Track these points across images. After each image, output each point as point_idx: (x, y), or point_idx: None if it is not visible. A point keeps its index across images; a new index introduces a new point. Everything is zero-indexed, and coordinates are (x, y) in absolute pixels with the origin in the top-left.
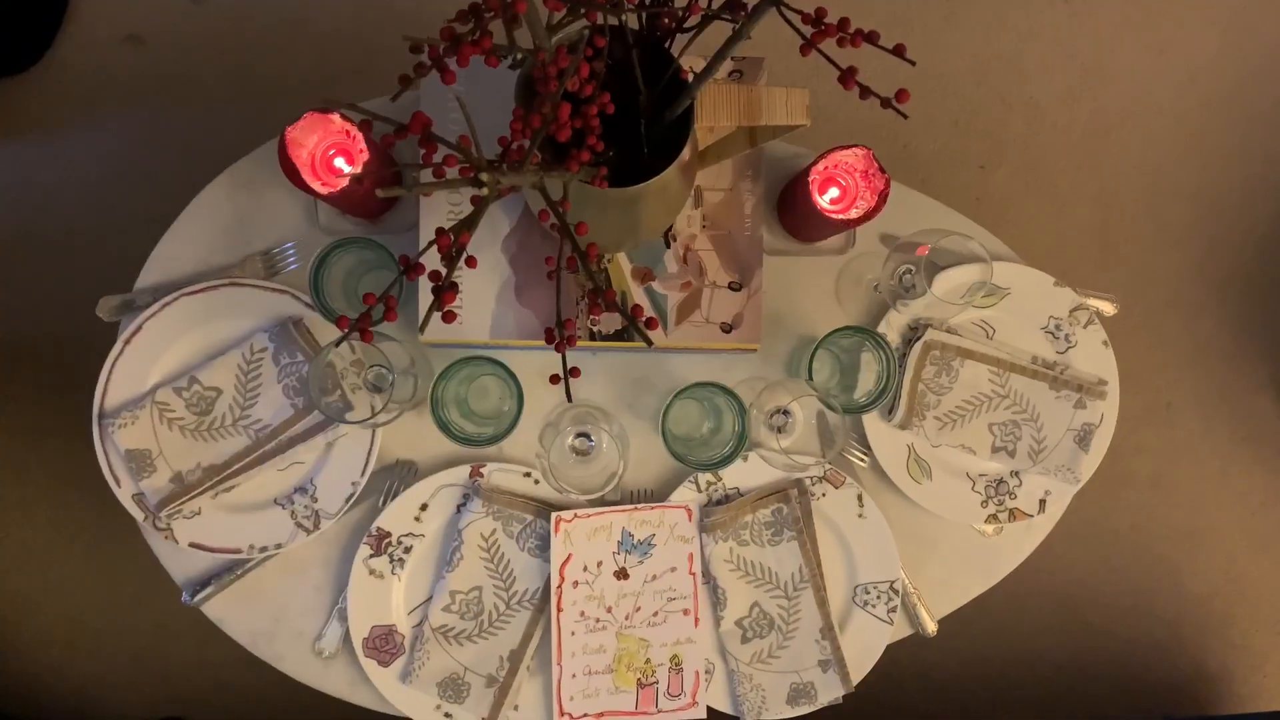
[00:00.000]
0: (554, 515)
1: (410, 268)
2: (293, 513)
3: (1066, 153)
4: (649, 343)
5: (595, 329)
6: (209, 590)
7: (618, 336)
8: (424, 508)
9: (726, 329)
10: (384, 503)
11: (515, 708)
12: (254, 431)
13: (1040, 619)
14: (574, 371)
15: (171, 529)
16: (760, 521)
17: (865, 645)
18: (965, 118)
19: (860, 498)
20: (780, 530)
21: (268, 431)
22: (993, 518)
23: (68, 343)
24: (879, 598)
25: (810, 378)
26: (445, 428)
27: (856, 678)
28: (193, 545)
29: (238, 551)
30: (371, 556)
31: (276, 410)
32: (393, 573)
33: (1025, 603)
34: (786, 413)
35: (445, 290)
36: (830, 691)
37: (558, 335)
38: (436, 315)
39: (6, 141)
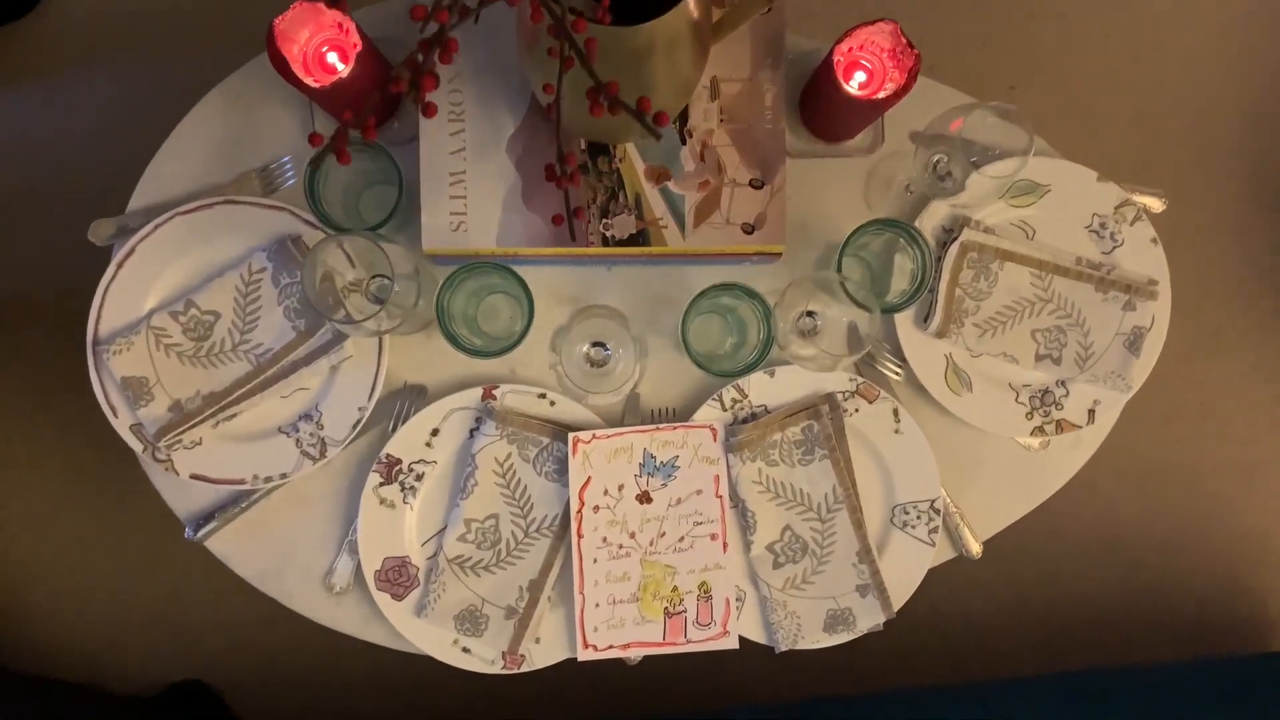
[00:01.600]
0: (571, 436)
1: (394, 80)
2: (298, 441)
3: (1101, 71)
4: (657, 137)
5: (609, 234)
6: (213, 525)
7: (632, 241)
8: (435, 433)
9: (749, 230)
10: (393, 428)
11: (537, 640)
12: (255, 356)
13: (1087, 560)
14: (577, 212)
15: (172, 460)
16: (790, 440)
17: (906, 569)
18: (995, 35)
19: (896, 412)
20: (811, 449)
21: (269, 356)
22: (1038, 430)
23: (71, 295)
24: (919, 518)
25: (844, 287)
26: (453, 339)
27: (898, 603)
28: (194, 477)
29: (241, 482)
30: (382, 485)
31: (278, 333)
32: (404, 502)
33: (1071, 544)
34: (813, 314)
35: (423, 75)
36: (870, 618)
37: (559, 170)
38: (433, 228)
39: (3, 92)
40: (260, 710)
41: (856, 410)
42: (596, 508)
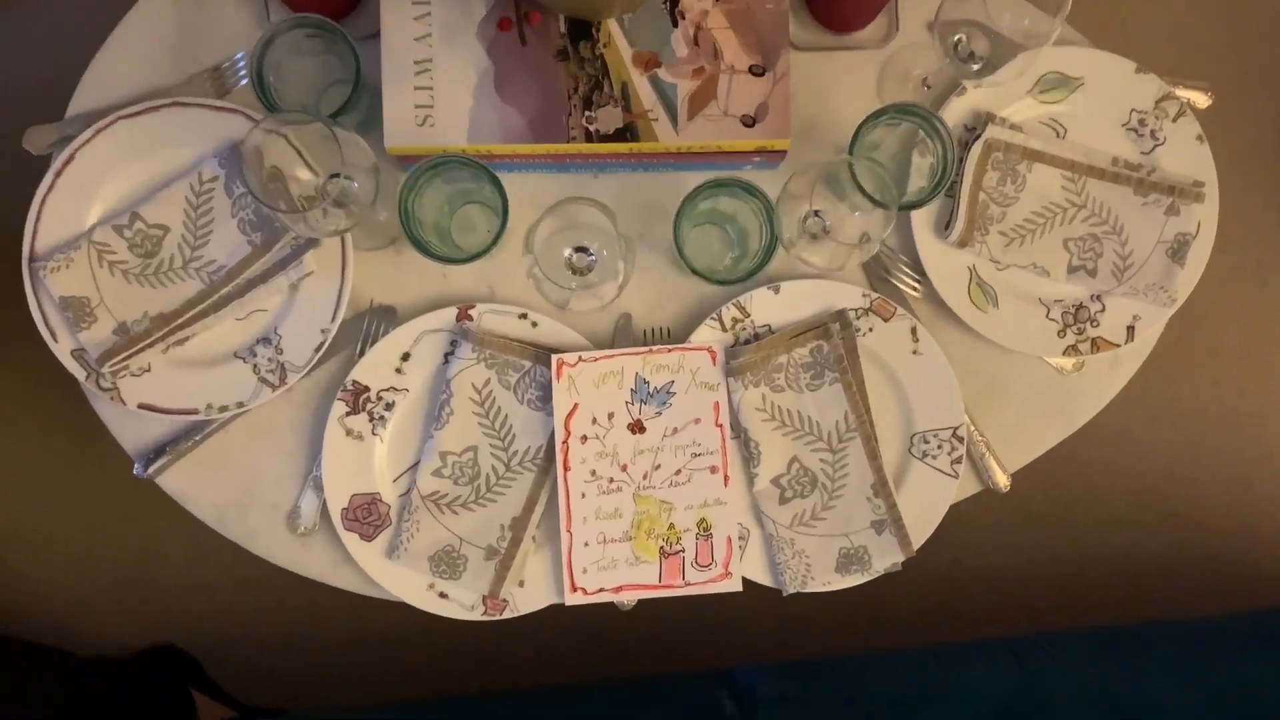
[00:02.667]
0: (555, 358)
1: None
2: (255, 366)
3: None
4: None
5: (592, 128)
6: (164, 460)
7: (619, 137)
8: (406, 357)
9: (749, 123)
10: (360, 353)
11: (520, 584)
12: (207, 274)
13: (1121, 511)
14: (529, 17)
15: (118, 388)
16: (796, 363)
17: (926, 503)
18: None
19: (914, 331)
20: (820, 372)
21: (223, 273)
22: (1072, 349)
23: (5, 209)
24: (940, 448)
25: (853, 175)
26: (420, 245)
27: (918, 540)
28: (142, 406)
29: (194, 412)
30: (348, 414)
31: (232, 249)
32: (373, 433)
33: (1102, 494)
34: (819, 214)
35: None
36: (887, 557)
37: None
38: (396, 124)
39: None
40: (240, 676)
41: (870, 329)
42: (584, 438)
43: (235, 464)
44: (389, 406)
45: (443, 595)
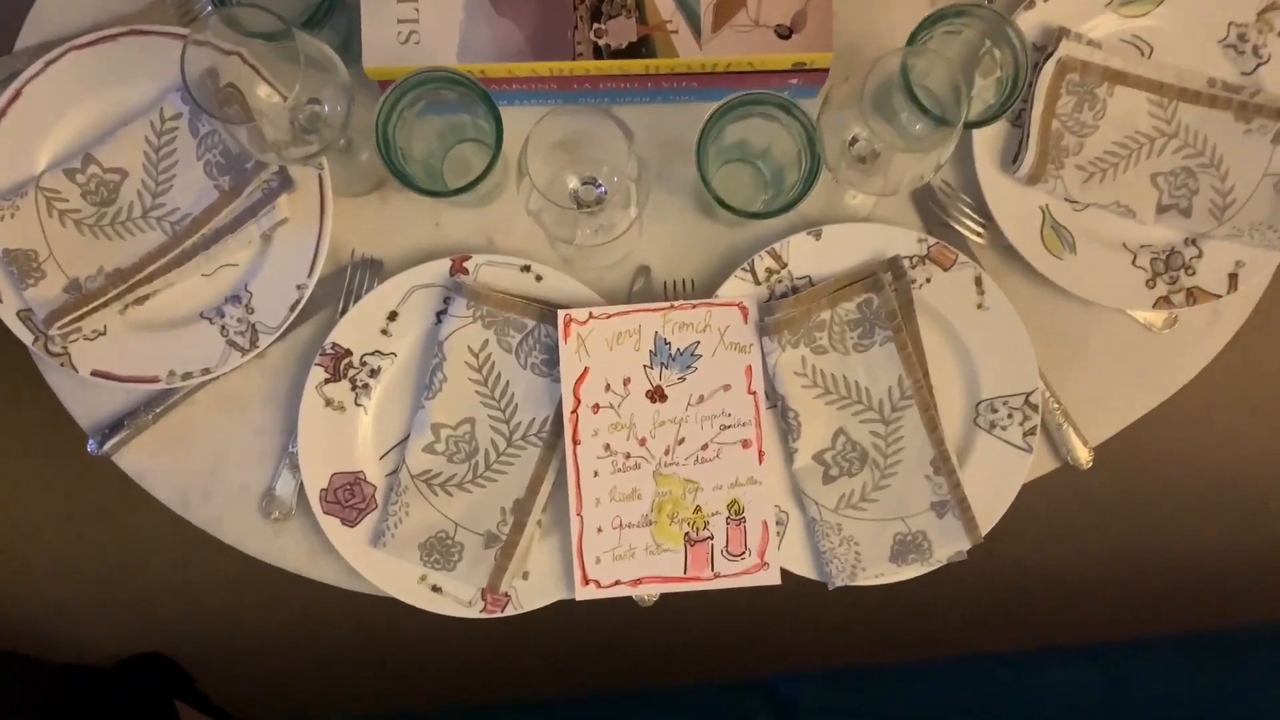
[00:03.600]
0: (562, 314)
1: None
2: (223, 328)
3: None
4: None
5: (602, 42)
6: (122, 435)
7: (632, 53)
8: (393, 316)
9: (784, 34)
10: (342, 312)
11: (525, 575)
12: (170, 224)
13: (1205, 507)
14: None
15: (69, 353)
16: (842, 319)
17: (995, 481)
18: None
19: (979, 281)
20: (870, 330)
21: (188, 223)
22: (1163, 302)
23: None
24: (1010, 417)
25: (906, 83)
26: (402, 174)
27: (986, 524)
28: (96, 374)
29: (155, 380)
30: (327, 382)
31: (197, 195)
32: (356, 404)
33: (1186, 485)
34: (868, 135)
35: None
36: (950, 543)
37: None
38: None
39: None
40: (231, 686)
41: (928, 280)
42: (596, 407)
43: (201, 440)
44: (374, 373)
45: (435, 589)
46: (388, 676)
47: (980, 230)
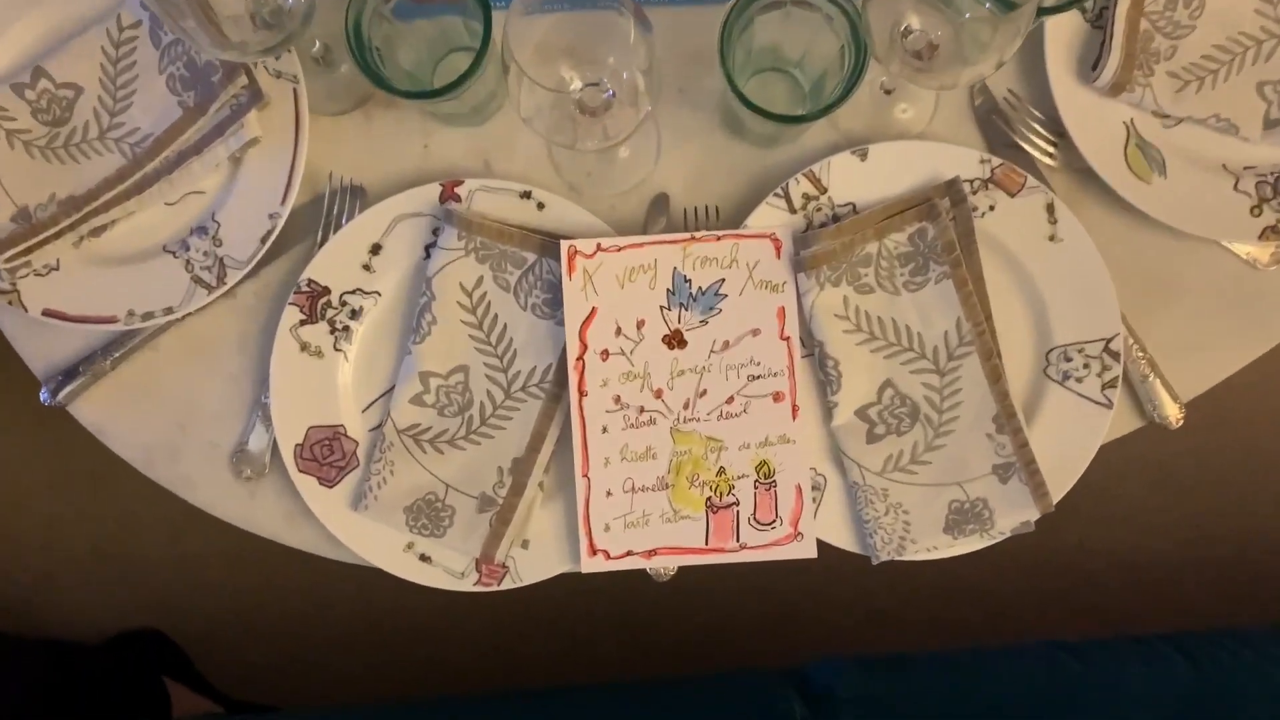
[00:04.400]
0: (565, 245)
1: None
2: (188, 263)
3: None
4: None
5: None
6: (78, 382)
7: None
8: (376, 250)
9: None
10: (320, 244)
11: (524, 544)
12: (129, 146)
13: None
14: None
15: (18, 290)
16: (891, 253)
17: (1068, 441)
18: None
19: (1051, 209)
20: (923, 265)
21: (149, 144)
22: (1270, 232)
23: None
24: (1087, 367)
25: None
26: (376, 76)
27: (1058, 491)
28: (48, 313)
29: (112, 320)
30: (303, 323)
31: (160, 113)
32: (336, 349)
33: (1272, 463)
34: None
35: None
36: (1014, 512)
37: None
38: None
39: None
40: (228, 665)
41: (991, 207)
42: (605, 353)
43: (166, 390)
44: (355, 314)
45: (424, 558)
46: (395, 659)
47: (1053, 150)
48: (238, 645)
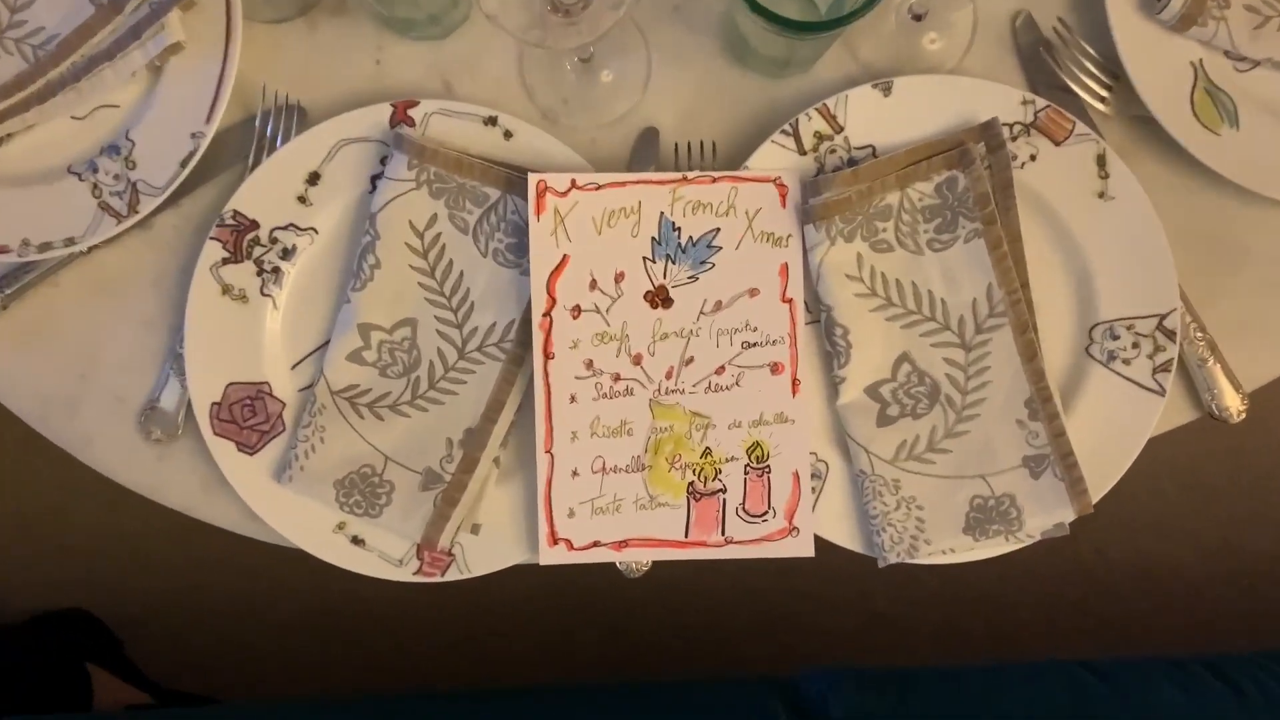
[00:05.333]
0: (534, 179)
1: None
2: (96, 187)
3: None
4: None
5: None
6: None
7: None
8: (314, 179)
9: None
10: (251, 168)
11: (475, 530)
12: (32, 48)
13: None
14: None
15: None
16: (914, 206)
17: (1112, 431)
18: None
19: (1103, 161)
20: (952, 221)
21: (54, 47)
22: None
23: None
24: (1137, 346)
25: None
26: None
27: (1098, 489)
28: None
29: (4, 250)
30: (227, 262)
31: (68, 10)
32: (264, 293)
33: None
34: None
35: None
36: (1046, 512)
37: None
38: None
39: None
40: (164, 652)
41: (1033, 157)
42: (577, 310)
43: (66, 334)
44: (287, 254)
45: (357, 541)
46: (352, 651)
47: (1107, 93)
48: (177, 631)
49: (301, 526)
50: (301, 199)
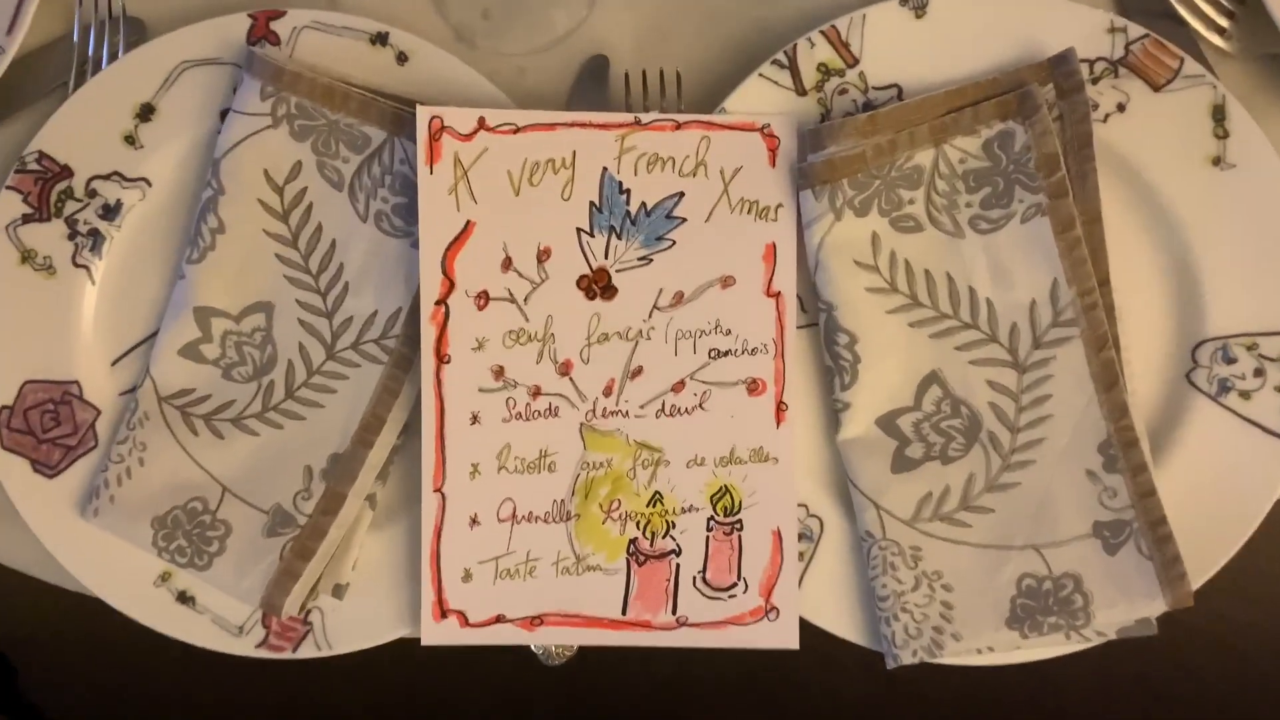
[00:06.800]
0: (425, 113)
1: None
2: None
3: None
4: None
5: None
6: None
7: None
8: (147, 113)
9: None
10: (70, 91)
11: (338, 591)
12: None
13: None
14: None
15: None
16: (954, 168)
17: (1223, 489)
18: None
19: (1220, 115)
20: (1006, 192)
21: None
22: None
23: None
24: (1261, 374)
25: None
26: None
27: (1202, 572)
28: None
29: None
30: (28, 220)
31: None
32: (76, 263)
33: None
34: None
35: None
36: (1128, 602)
37: None
38: None
39: None
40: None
41: (1121, 106)
42: (484, 297)
43: None
44: (109, 212)
45: (185, 599)
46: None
47: (1228, 21)
48: (80, 661)
49: (112, 575)
50: (130, 139)
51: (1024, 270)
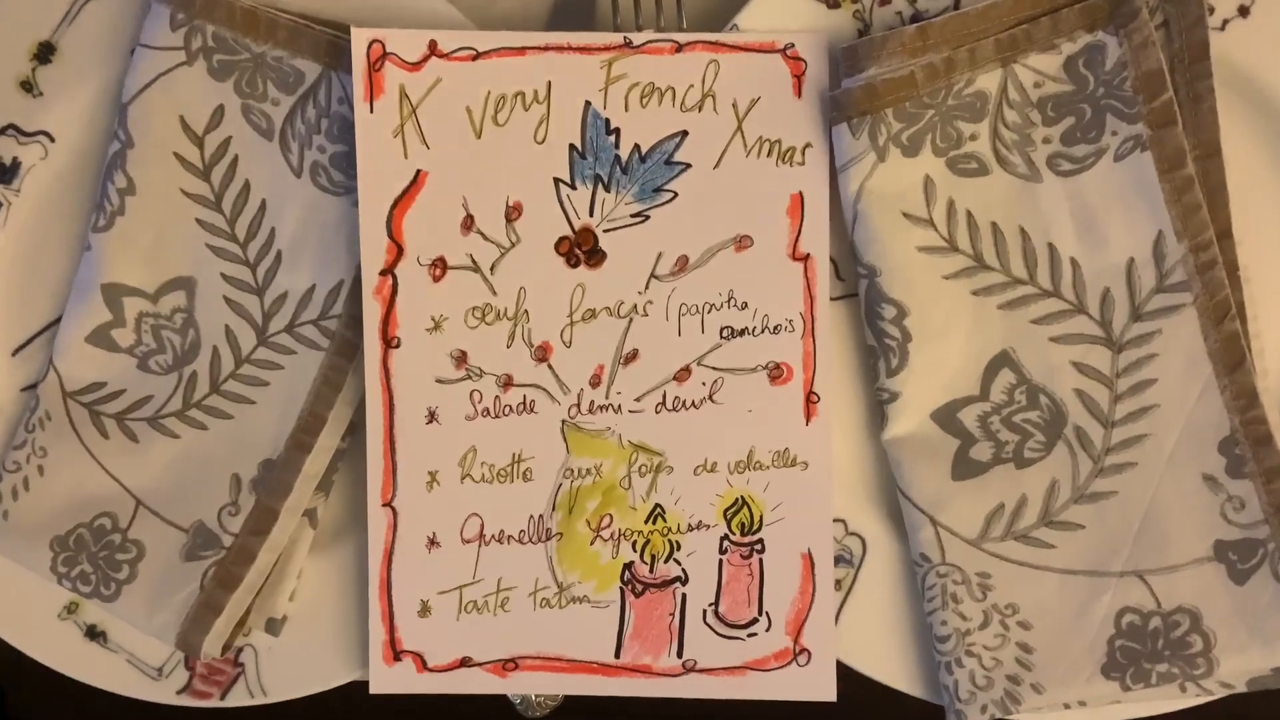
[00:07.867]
0: (362, 37)
1: None
2: None
3: None
4: None
5: None
6: None
7: None
8: (46, 53)
9: None
10: None
11: (272, 627)
12: None
13: None
14: None
15: None
16: (1027, 94)
17: None
18: None
19: None
20: (1095, 122)
21: None
22: None
23: None
24: None
25: None
26: None
27: None
28: None
29: None
30: None
31: None
32: None
33: None
34: None
35: None
36: (1262, 644)
37: None
38: None
39: None
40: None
41: (1243, 9)
42: (441, 265)
43: None
44: (3, 173)
45: (95, 634)
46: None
47: None
48: (70, 682)
49: (9, 605)
50: (26, 85)
51: (1119, 222)
